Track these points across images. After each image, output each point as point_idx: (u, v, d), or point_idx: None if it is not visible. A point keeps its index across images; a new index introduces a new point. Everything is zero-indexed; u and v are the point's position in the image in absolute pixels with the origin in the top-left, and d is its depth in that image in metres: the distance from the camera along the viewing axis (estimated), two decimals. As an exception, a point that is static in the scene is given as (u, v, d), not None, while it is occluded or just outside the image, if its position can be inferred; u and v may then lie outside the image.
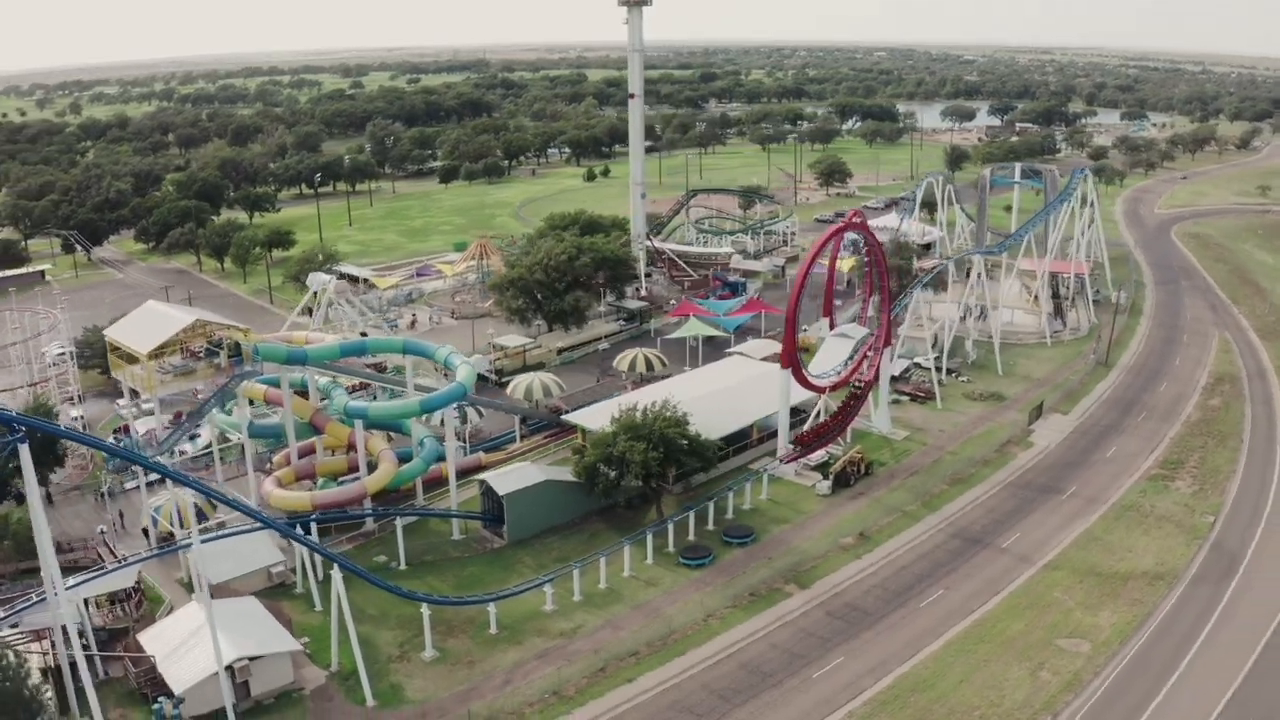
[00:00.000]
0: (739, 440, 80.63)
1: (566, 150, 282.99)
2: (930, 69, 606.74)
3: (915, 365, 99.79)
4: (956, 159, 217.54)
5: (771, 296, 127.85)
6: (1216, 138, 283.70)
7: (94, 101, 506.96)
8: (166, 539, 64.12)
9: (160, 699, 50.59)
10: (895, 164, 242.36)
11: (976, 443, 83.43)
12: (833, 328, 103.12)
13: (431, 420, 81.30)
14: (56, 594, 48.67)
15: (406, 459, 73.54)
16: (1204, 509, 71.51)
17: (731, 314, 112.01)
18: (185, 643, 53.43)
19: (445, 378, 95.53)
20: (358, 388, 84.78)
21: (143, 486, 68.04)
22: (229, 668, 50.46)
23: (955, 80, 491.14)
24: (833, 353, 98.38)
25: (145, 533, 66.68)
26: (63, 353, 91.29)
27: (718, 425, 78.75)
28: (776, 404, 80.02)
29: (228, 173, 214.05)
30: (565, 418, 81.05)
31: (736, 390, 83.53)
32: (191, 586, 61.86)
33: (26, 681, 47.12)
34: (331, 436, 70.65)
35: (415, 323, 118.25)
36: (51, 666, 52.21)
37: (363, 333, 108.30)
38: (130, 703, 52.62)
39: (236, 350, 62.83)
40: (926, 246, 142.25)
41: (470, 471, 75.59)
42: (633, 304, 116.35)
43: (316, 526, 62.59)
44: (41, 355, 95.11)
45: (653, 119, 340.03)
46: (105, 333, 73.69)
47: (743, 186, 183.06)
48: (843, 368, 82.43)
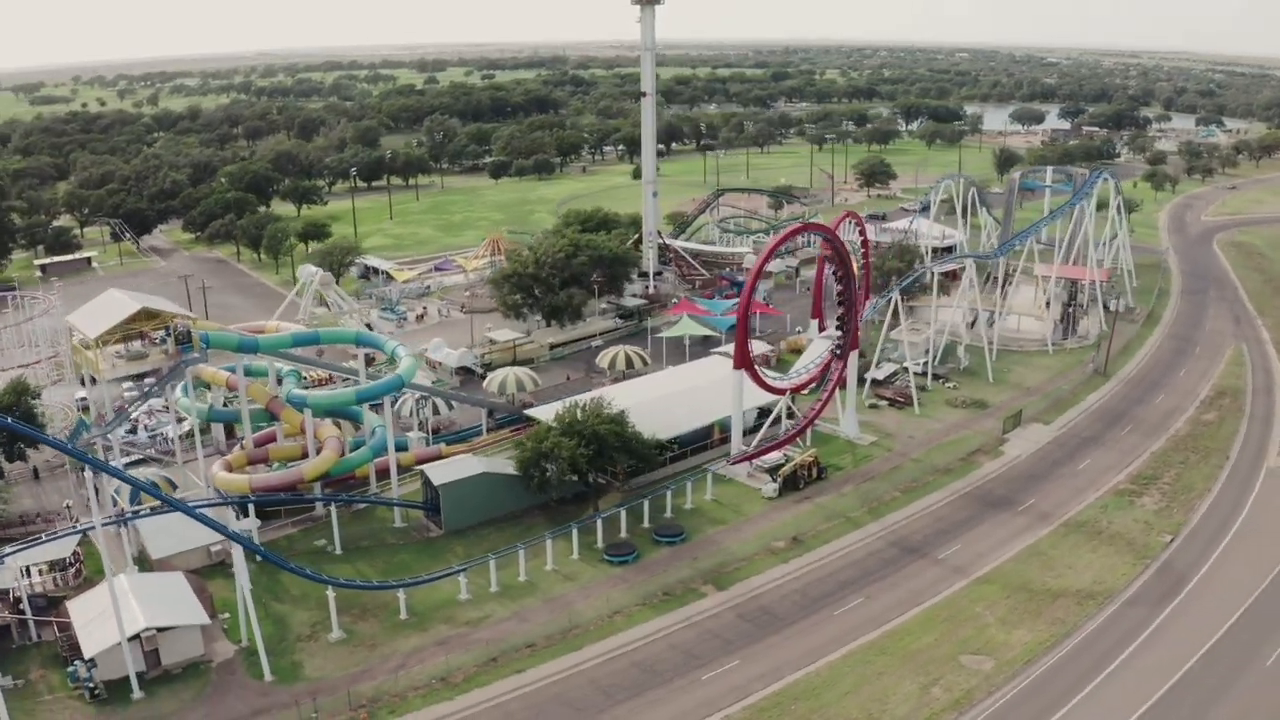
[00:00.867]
0: (702, 439, 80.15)
1: (621, 148, 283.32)
2: (1009, 71, 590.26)
3: (904, 369, 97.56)
4: (1006, 161, 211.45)
5: (782, 297, 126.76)
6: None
7: (174, 93, 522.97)
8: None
9: (76, 662, 52.81)
10: (948, 166, 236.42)
11: (944, 450, 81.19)
12: (822, 330, 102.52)
13: (404, 411, 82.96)
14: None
15: (400, 447, 75.27)
16: (1164, 528, 68.37)
17: (728, 314, 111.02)
18: (104, 612, 55.33)
19: (435, 370, 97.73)
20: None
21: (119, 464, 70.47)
22: (137, 636, 52.45)
23: (1032, 83, 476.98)
24: (817, 355, 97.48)
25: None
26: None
27: (675, 424, 78.60)
28: (751, 401, 79.62)
29: (283, 165, 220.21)
30: (528, 412, 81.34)
31: (703, 390, 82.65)
32: (140, 560, 64.20)
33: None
34: (288, 423, 72.20)
35: (423, 316, 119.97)
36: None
37: (367, 325, 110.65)
38: (54, 665, 54.72)
39: (186, 338, 64.64)
40: (948, 249, 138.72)
41: (431, 461, 76.44)
42: (631, 302, 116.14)
43: (254, 509, 64.54)
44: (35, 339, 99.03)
45: (713, 117, 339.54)
46: (67, 319, 76.53)
47: (774, 187, 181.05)
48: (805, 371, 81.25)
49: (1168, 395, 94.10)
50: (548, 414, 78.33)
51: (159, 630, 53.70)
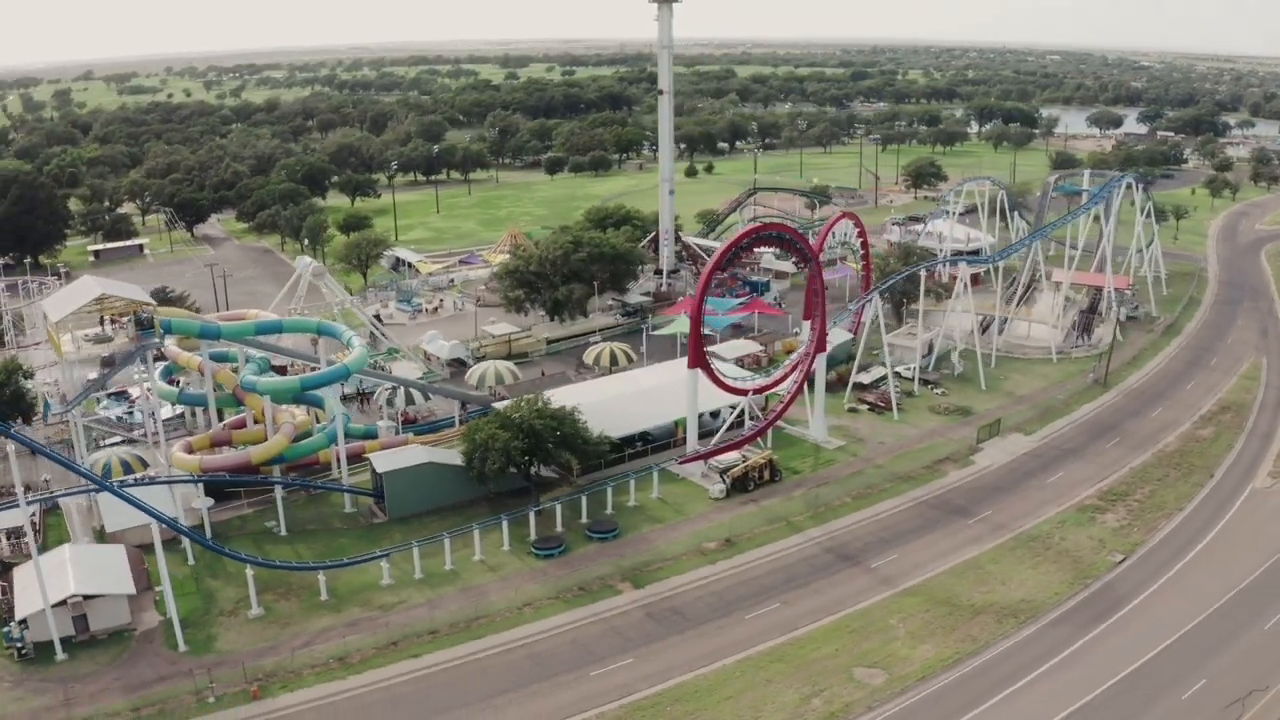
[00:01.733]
0: (669, 437, 79.75)
1: (681, 146, 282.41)
2: (1098, 74, 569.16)
3: (897, 374, 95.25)
4: (1061, 165, 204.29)
5: (796, 297, 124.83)
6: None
7: (260, 85, 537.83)
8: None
9: (11, 623, 55.54)
10: (1005, 169, 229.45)
11: (912, 457, 79.01)
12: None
13: (395, 402, 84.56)
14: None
15: (367, 435, 77.19)
16: (1118, 547, 65.31)
17: (730, 313, 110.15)
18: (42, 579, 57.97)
19: (429, 361, 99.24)
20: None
21: (81, 442, 73.60)
22: (64, 602, 54.95)
23: (1117, 86, 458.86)
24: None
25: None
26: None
27: (633, 422, 78.48)
28: (708, 404, 78.99)
29: (344, 159, 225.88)
30: (496, 405, 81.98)
31: (666, 389, 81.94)
32: (100, 533, 66.99)
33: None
34: (253, 408, 74.21)
35: (437, 308, 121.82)
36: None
37: (376, 316, 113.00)
38: (-3, 625, 57.59)
39: (148, 324, 66.90)
40: (974, 253, 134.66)
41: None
42: (634, 299, 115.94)
43: (204, 489, 66.79)
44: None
45: (780, 116, 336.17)
46: (41, 304, 79.92)
47: (812, 187, 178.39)
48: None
49: (1167, 408, 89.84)
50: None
51: (86, 597, 56.04)
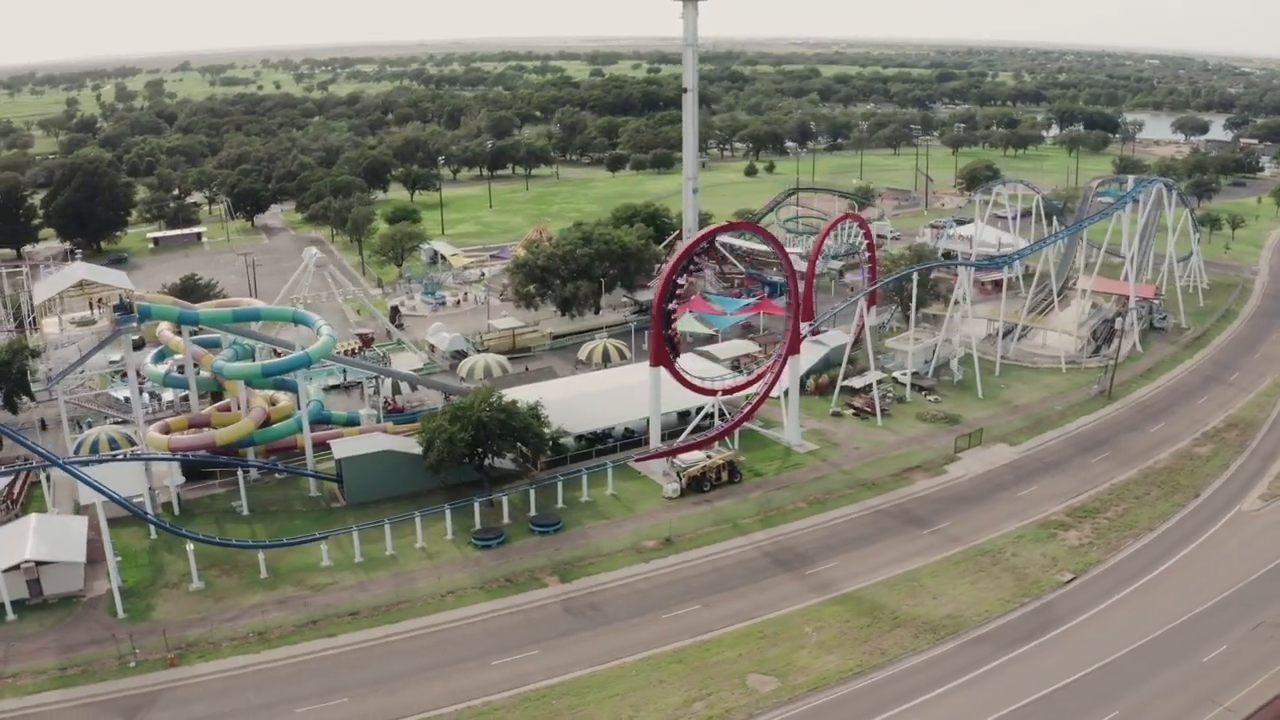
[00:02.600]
0: (631, 435, 79.51)
1: (748, 145, 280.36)
2: (1193, 79, 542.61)
3: (894, 379, 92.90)
4: (1124, 171, 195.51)
5: (821, 298, 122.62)
6: None
7: (350, 78, 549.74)
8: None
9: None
10: (1078, 173, 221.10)
11: (883, 464, 76.90)
12: (814, 333, 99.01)
13: (382, 391, 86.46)
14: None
15: (350, 422, 79.04)
16: (1071, 565, 62.40)
17: (738, 313, 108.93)
18: (2, 545, 61.00)
19: (432, 352, 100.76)
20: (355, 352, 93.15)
21: (64, 421, 77.15)
22: (17, 566, 57.83)
23: (1210, 91, 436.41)
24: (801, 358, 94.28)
25: None
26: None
27: (600, 418, 78.44)
28: (677, 403, 78.44)
29: (410, 152, 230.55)
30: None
31: (639, 388, 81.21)
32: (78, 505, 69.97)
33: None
34: (232, 392, 76.51)
35: (460, 301, 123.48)
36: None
37: (395, 307, 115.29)
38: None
39: (127, 308, 69.56)
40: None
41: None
42: (645, 296, 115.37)
43: (179, 466, 69.36)
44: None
45: (850, 116, 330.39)
46: (33, 289, 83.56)
47: (856, 188, 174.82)
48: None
49: (1170, 423, 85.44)
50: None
51: (39, 563, 58.77)
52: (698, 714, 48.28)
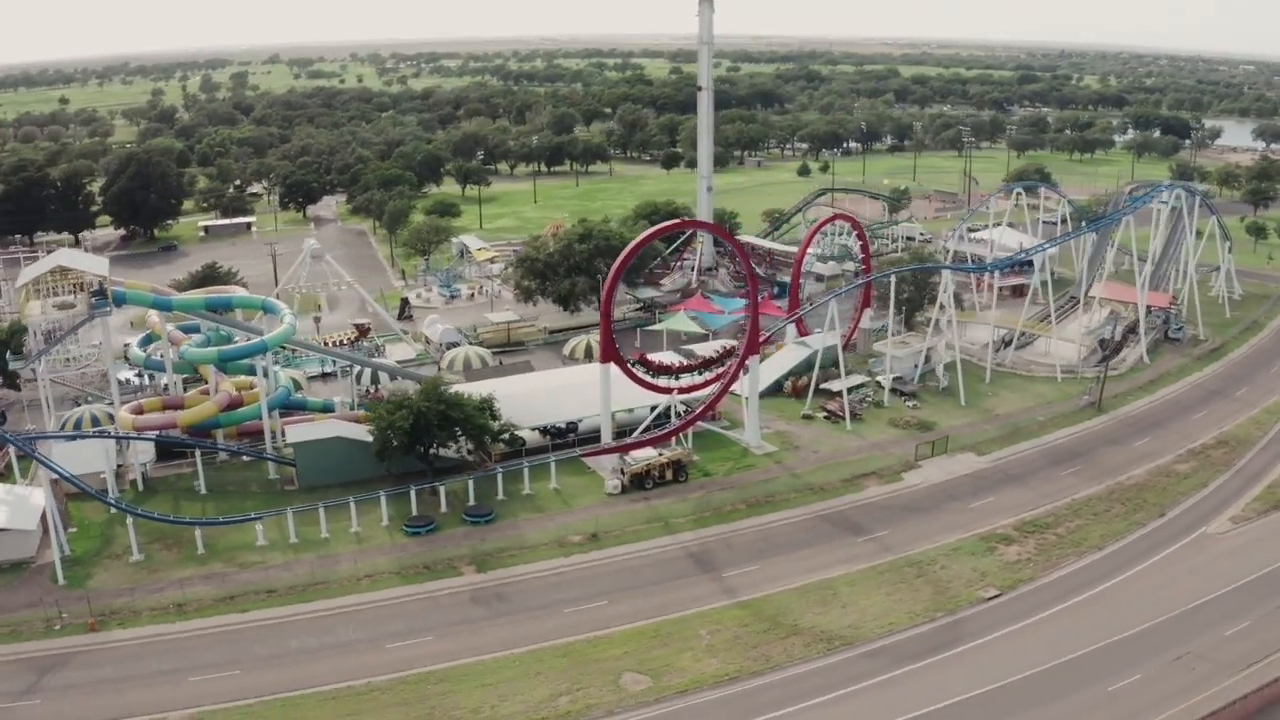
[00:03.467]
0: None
1: (805, 145, 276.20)
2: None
3: (877, 384, 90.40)
4: (1181, 177, 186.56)
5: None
6: None
7: (433, 73, 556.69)
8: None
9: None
10: (1137, 177, 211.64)
11: (838, 469, 74.85)
12: (802, 335, 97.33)
13: (362, 380, 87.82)
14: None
15: (325, 409, 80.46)
16: (1001, 581, 59.69)
17: (735, 313, 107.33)
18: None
19: (427, 345, 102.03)
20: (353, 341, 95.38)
21: (46, 400, 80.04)
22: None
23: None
24: (779, 361, 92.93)
25: None
26: None
27: (555, 413, 78.34)
28: (649, 400, 77.93)
29: (468, 147, 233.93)
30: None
31: (597, 385, 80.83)
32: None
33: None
34: (206, 376, 78.72)
35: (474, 295, 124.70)
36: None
37: (404, 299, 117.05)
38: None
39: (102, 294, 72.22)
40: (1026, 264, 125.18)
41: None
42: (645, 293, 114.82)
43: (155, 447, 72.07)
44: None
45: (914, 117, 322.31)
46: (23, 272, 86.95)
47: (892, 189, 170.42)
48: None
49: (1156, 438, 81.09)
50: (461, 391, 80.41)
51: (-8, 530, 61.75)
52: (559, 708, 47.86)
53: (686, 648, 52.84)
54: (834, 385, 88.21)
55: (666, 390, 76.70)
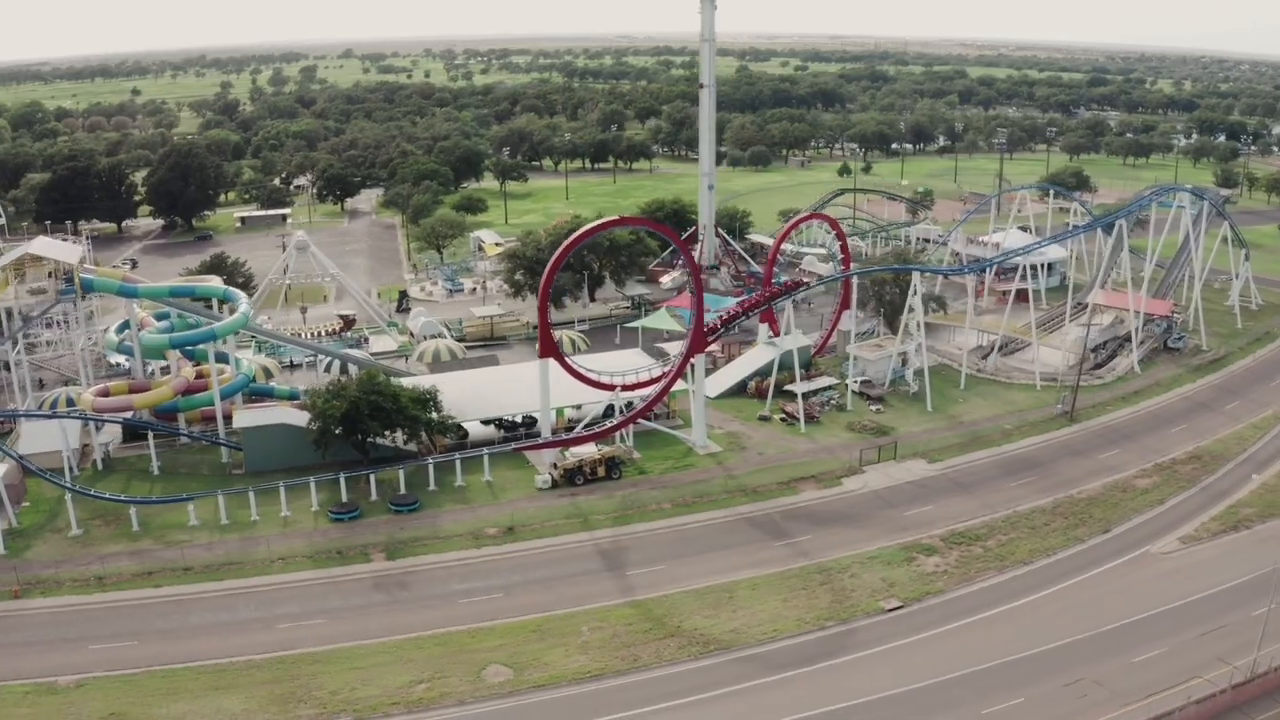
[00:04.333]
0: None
1: (853, 146, 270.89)
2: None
3: (847, 386, 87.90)
4: (1225, 183, 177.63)
5: (822, 300, 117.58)
6: None
7: (502, 69, 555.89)
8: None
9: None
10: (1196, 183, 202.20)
11: (778, 472, 72.91)
12: (776, 335, 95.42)
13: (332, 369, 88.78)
14: None
15: (291, 396, 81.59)
16: (907, 593, 57.36)
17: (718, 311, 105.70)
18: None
19: (412, 335, 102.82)
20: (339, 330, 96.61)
21: (20, 382, 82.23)
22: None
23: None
24: (746, 361, 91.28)
25: None
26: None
27: (498, 406, 78.21)
28: (583, 396, 77.15)
29: (513, 143, 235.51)
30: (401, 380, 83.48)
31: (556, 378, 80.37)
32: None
33: None
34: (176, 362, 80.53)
35: (478, 288, 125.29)
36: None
37: (401, 293, 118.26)
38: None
39: (69, 280, 74.42)
40: (1034, 269, 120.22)
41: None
42: (634, 291, 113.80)
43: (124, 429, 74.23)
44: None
45: (970, 119, 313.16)
46: None
47: (917, 191, 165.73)
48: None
49: (1125, 451, 77.18)
50: (408, 383, 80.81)
51: (-53, 503, 64.22)
52: (413, 694, 47.82)
53: (562, 644, 52.11)
54: (797, 387, 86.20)
55: (609, 387, 75.76)
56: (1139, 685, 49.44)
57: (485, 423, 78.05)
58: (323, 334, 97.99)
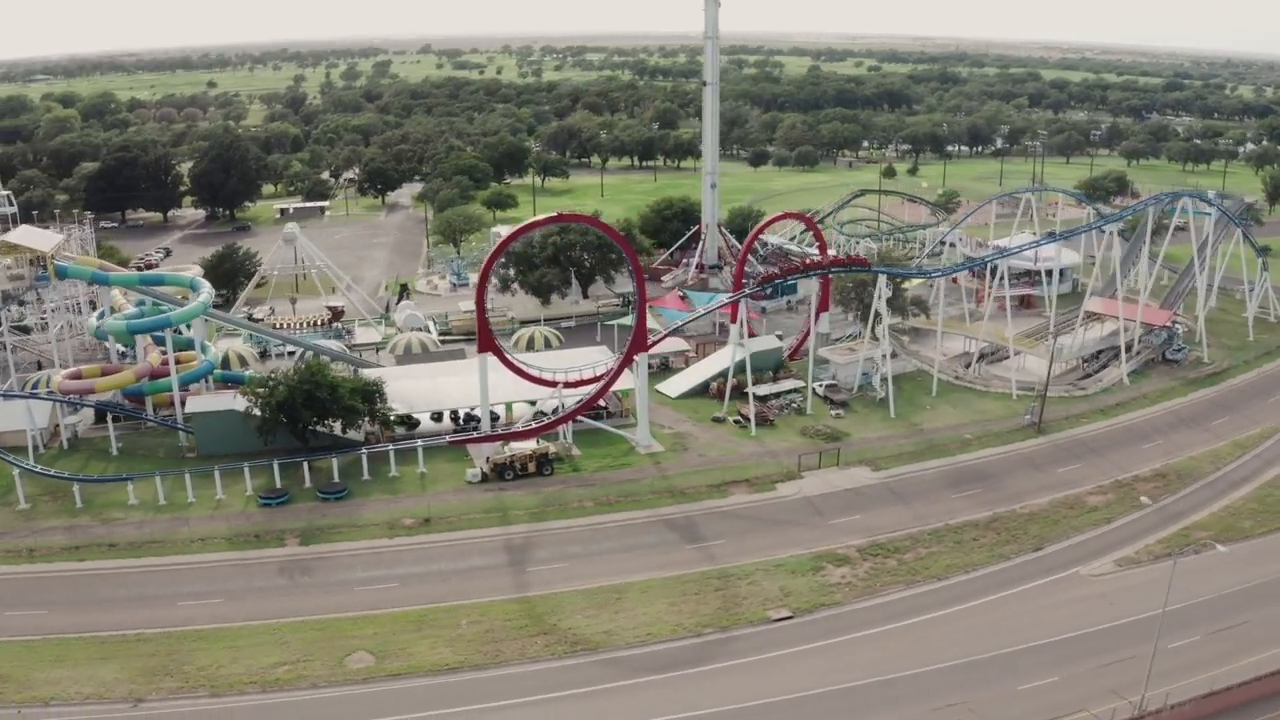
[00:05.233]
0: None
1: (905, 147, 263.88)
2: None
3: (813, 390, 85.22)
4: (1276, 191, 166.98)
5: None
6: None
7: (574, 66, 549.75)
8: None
9: None
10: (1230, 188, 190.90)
11: (715, 474, 70.96)
12: (751, 335, 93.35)
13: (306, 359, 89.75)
14: None
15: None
16: (803, 604, 55.09)
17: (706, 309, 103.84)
18: None
19: (398, 330, 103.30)
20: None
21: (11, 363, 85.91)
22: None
23: None
24: (713, 362, 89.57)
25: None
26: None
27: (440, 401, 78.22)
28: (530, 393, 76.71)
29: (561, 140, 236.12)
30: (364, 372, 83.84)
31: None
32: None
33: None
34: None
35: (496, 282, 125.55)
36: None
37: (403, 284, 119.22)
38: None
39: (43, 267, 77.00)
40: (1048, 274, 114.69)
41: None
42: (626, 287, 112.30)
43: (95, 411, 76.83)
44: None
45: (1034, 122, 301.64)
46: None
47: (942, 194, 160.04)
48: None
49: (1086, 466, 73.08)
50: (374, 374, 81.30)
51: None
52: (274, 675, 48.23)
53: (435, 635, 51.69)
54: (759, 389, 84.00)
55: (551, 384, 74.92)
56: (1014, 714, 46.65)
57: (435, 416, 78.10)
58: (306, 325, 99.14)
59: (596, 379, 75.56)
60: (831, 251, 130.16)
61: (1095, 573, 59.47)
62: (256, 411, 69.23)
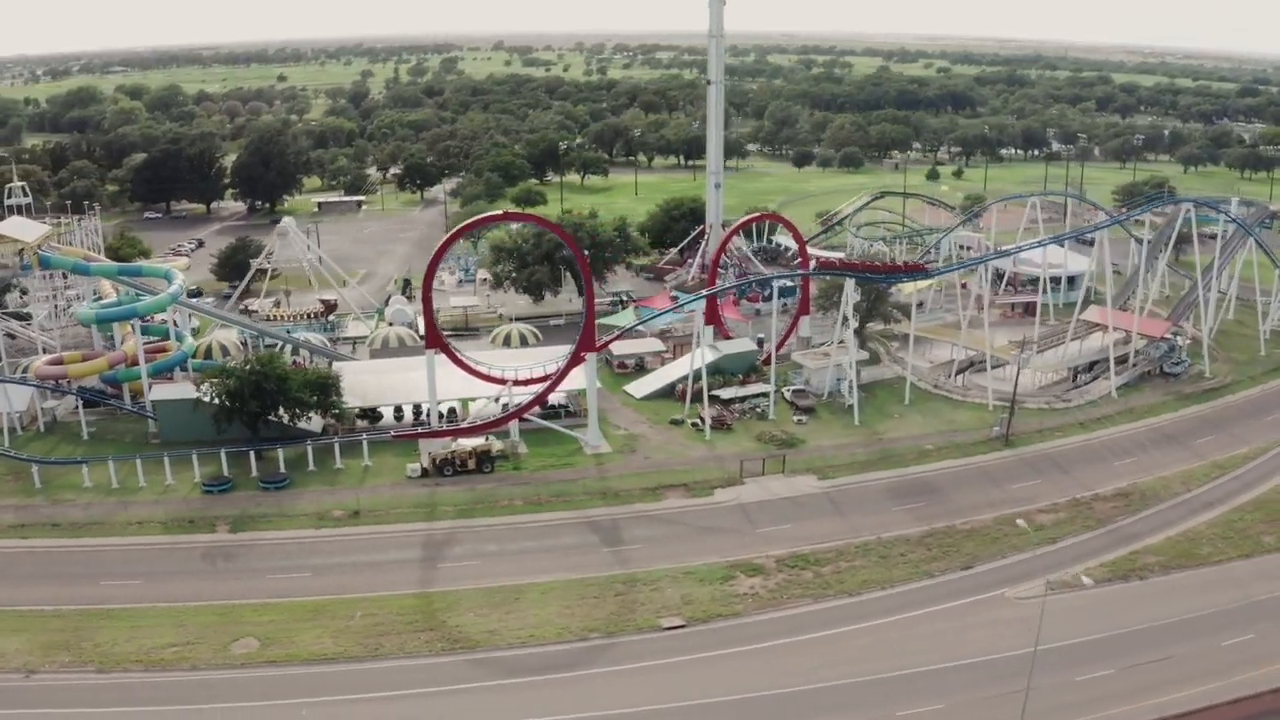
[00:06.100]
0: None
1: (954, 148, 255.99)
2: None
3: (782, 395, 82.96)
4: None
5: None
6: None
7: (643, 65, 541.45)
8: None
9: None
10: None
11: (656, 477, 69.36)
12: (728, 337, 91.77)
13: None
14: None
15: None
16: (699, 612, 53.38)
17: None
18: None
19: (390, 325, 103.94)
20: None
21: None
22: None
23: None
24: (682, 363, 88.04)
25: None
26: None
27: (394, 395, 78.29)
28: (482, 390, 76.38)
29: (607, 139, 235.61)
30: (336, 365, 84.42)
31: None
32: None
33: None
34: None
35: (489, 278, 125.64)
36: None
37: (406, 280, 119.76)
38: None
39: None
40: (1055, 281, 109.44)
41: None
42: (617, 288, 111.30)
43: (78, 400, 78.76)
44: None
45: (1091, 127, 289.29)
46: None
47: (967, 198, 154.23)
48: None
49: (1045, 483, 69.32)
50: (337, 367, 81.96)
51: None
52: (160, 655, 49.12)
53: (325, 626, 51.69)
54: (725, 392, 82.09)
55: (501, 381, 74.34)
56: (879, 744, 44.33)
57: (397, 410, 78.41)
58: (299, 318, 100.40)
59: (545, 378, 74.70)
60: (840, 255, 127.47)
61: (1021, 596, 56.00)
62: (207, 400, 70.27)
